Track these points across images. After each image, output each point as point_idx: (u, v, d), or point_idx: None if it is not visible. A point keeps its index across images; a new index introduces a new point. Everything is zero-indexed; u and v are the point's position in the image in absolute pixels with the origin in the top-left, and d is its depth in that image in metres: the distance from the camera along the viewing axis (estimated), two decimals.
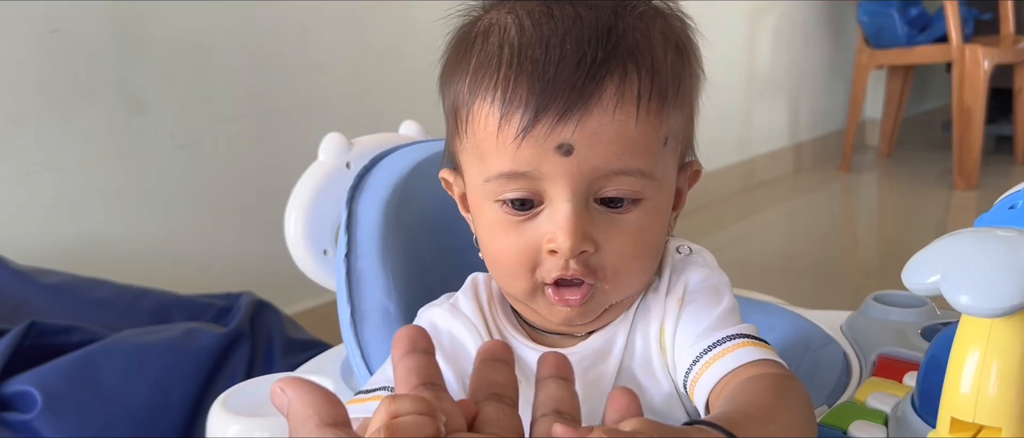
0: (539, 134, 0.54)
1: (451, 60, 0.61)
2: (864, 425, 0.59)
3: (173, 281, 1.30)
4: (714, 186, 2.92)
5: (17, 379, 0.91)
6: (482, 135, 0.57)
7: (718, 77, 3.05)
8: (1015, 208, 0.53)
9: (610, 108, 0.54)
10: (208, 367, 0.98)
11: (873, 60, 3.23)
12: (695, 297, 0.62)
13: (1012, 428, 0.46)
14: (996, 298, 0.44)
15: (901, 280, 0.48)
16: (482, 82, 0.57)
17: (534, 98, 0.54)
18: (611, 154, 0.55)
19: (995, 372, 0.46)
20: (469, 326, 0.62)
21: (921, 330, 0.77)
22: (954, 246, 0.47)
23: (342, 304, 0.75)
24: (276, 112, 1.67)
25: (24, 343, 0.95)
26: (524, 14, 0.57)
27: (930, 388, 0.55)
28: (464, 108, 0.58)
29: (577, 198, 0.56)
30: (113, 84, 1.46)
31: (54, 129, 1.40)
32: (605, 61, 0.55)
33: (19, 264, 1.15)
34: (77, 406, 0.90)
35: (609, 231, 0.57)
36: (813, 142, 3.51)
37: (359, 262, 0.76)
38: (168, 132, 1.53)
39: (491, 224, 0.59)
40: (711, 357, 0.57)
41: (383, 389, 0.59)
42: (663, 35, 0.59)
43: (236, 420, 0.70)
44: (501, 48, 0.56)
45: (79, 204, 1.43)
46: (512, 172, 0.56)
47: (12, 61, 1.34)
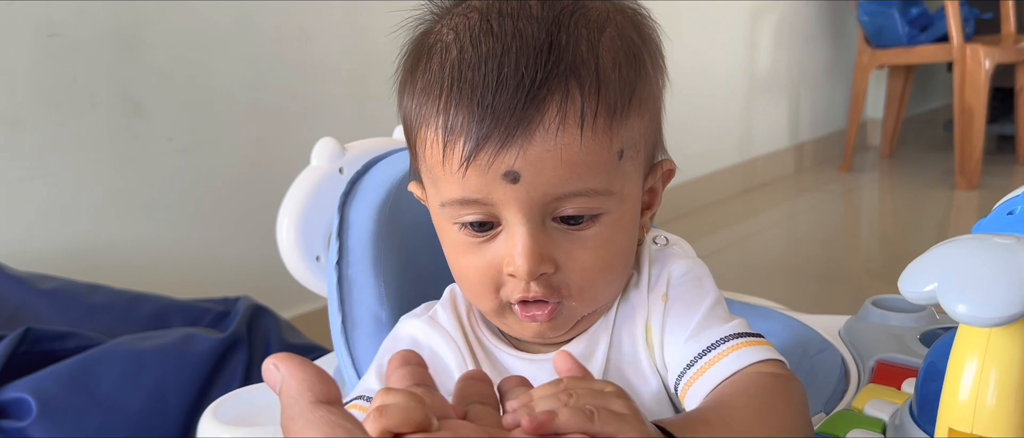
0: (482, 163, 0.53)
1: (403, 75, 0.59)
2: (862, 434, 0.58)
3: (171, 286, 1.29)
4: (715, 187, 2.92)
5: (12, 386, 0.91)
6: (431, 162, 0.56)
7: (719, 78, 3.06)
8: (1014, 214, 0.52)
9: (552, 131, 0.52)
10: (205, 372, 0.98)
11: (874, 60, 3.23)
12: (680, 292, 0.61)
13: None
14: (994, 307, 0.43)
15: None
16: (426, 107, 0.55)
17: (474, 126, 0.52)
18: (559, 178, 0.53)
19: (993, 382, 0.45)
20: (447, 339, 0.62)
21: (920, 335, 0.77)
22: (951, 253, 0.46)
23: (333, 311, 0.75)
24: (275, 116, 1.66)
25: (19, 349, 0.95)
26: (465, 30, 0.55)
27: (928, 396, 0.55)
28: (412, 132, 0.57)
29: (532, 221, 0.54)
30: (111, 88, 1.45)
31: (52, 133, 1.39)
32: (544, 82, 0.52)
33: (16, 269, 1.14)
34: (73, 413, 0.90)
35: (570, 249, 0.56)
36: (814, 142, 3.51)
37: (350, 269, 0.76)
38: (166, 136, 1.53)
39: (453, 245, 0.58)
40: (706, 362, 0.56)
41: (360, 398, 0.59)
42: (612, 42, 0.55)
43: (226, 429, 0.69)
44: (442, 69, 0.54)
45: (77, 209, 1.43)
46: (464, 199, 0.55)
47: (10, 65, 1.34)
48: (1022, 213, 0.52)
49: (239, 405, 0.73)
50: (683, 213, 2.69)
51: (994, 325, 0.44)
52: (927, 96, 4.02)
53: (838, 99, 3.61)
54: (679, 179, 1.94)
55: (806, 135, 3.47)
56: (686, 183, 2.76)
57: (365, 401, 0.59)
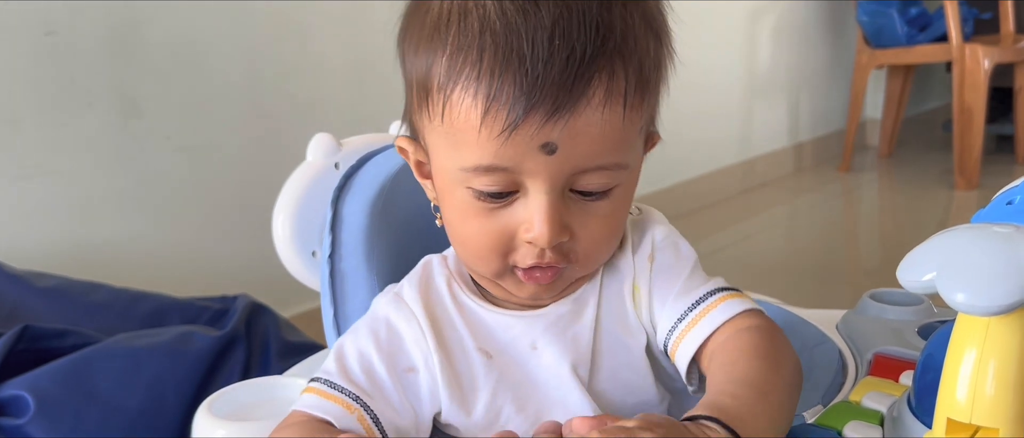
0: (525, 133, 0.53)
1: (415, 27, 0.58)
2: (859, 425, 0.58)
3: (169, 284, 1.29)
4: (714, 186, 2.92)
5: (10, 384, 0.91)
6: (461, 125, 0.55)
7: (718, 77, 3.06)
8: (1013, 204, 0.52)
9: (598, 107, 0.53)
10: (204, 370, 0.98)
11: (873, 60, 3.23)
12: (664, 254, 0.63)
13: (1009, 429, 0.45)
14: (993, 296, 0.43)
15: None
16: (462, 70, 0.54)
17: (523, 97, 0.52)
18: (593, 151, 0.55)
19: (992, 372, 0.45)
20: (409, 317, 0.63)
21: (918, 328, 0.77)
22: (950, 243, 0.46)
23: (325, 305, 0.75)
24: (273, 115, 1.66)
25: (17, 347, 0.94)
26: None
27: (926, 387, 0.55)
28: (439, 92, 0.55)
29: (555, 191, 0.55)
30: (109, 88, 1.45)
31: (50, 133, 1.39)
32: (594, 58, 0.52)
33: (14, 268, 1.14)
34: (71, 411, 0.90)
35: (584, 219, 0.58)
36: (813, 142, 3.51)
37: (343, 263, 0.76)
38: (164, 135, 1.52)
39: (462, 208, 0.58)
40: (695, 315, 0.60)
41: (315, 380, 0.60)
42: (645, 22, 0.56)
43: (222, 425, 0.69)
44: (482, 34, 0.53)
45: (75, 208, 1.43)
46: (492, 166, 0.55)
47: (8, 65, 1.34)
48: (1021, 203, 0.52)
49: (234, 400, 0.73)
50: (683, 212, 2.69)
51: (993, 314, 0.44)
52: (926, 96, 4.02)
53: (837, 99, 3.61)
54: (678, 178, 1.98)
55: (805, 135, 3.47)
56: (685, 182, 2.76)
57: (327, 386, 0.60)
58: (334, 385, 0.60)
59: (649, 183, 2.57)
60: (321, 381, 0.61)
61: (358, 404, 0.59)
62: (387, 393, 0.61)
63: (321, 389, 0.60)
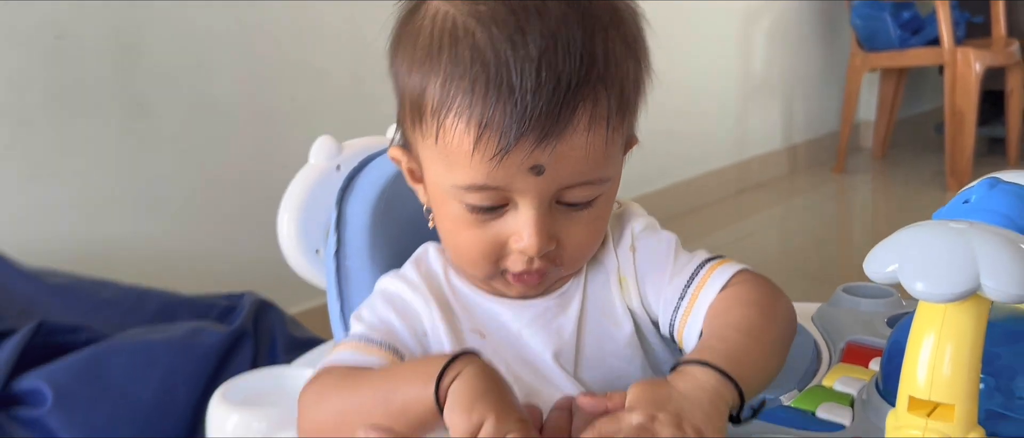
0: (515, 158, 0.57)
1: (408, 45, 0.61)
2: (832, 407, 0.62)
3: (176, 283, 1.32)
4: (708, 188, 2.95)
5: (28, 376, 0.94)
6: (454, 149, 0.58)
7: (713, 79, 3.09)
8: (969, 202, 0.58)
9: (583, 132, 0.57)
10: (213, 364, 1.01)
11: (866, 63, 3.26)
12: (645, 242, 0.68)
13: (963, 404, 0.50)
14: (949, 284, 0.48)
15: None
16: (455, 97, 0.57)
17: (513, 126, 0.55)
18: (578, 170, 0.59)
19: (949, 353, 0.50)
20: (414, 289, 0.67)
21: (887, 319, 0.81)
22: (911, 237, 0.51)
23: (332, 300, 0.79)
24: (276, 116, 1.69)
25: (33, 342, 0.98)
26: (489, 18, 0.57)
27: (892, 371, 0.58)
28: (433, 116, 0.59)
29: (543, 206, 0.60)
30: (116, 89, 1.48)
31: (59, 134, 1.43)
32: (579, 87, 0.56)
33: (26, 265, 1.18)
34: (86, 402, 0.93)
35: (569, 227, 0.62)
36: (807, 144, 3.54)
37: (348, 261, 0.80)
38: (170, 136, 1.56)
39: (454, 219, 0.62)
40: (692, 293, 0.64)
41: (383, 345, 0.64)
42: (625, 46, 0.60)
43: (235, 410, 0.73)
44: (473, 63, 0.56)
45: (83, 207, 1.46)
46: (483, 185, 0.59)
47: (18, 67, 1.37)
48: (977, 202, 0.57)
49: (246, 388, 0.77)
50: (677, 214, 2.72)
51: (949, 301, 0.48)
52: (919, 98, 4.06)
53: (831, 101, 3.65)
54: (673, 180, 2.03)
55: (799, 137, 3.51)
56: (680, 184, 2.79)
57: (363, 341, 0.63)
58: (369, 339, 0.64)
59: (644, 184, 2.60)
60: (387, 346, 0.64)
61: (396, 354, 0.63)
62: (413, 353, 0.65)
63: (355, 343, 0.64)
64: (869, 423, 0.60)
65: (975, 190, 0.59)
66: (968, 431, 0.50)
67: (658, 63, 0.65)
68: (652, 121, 0.65)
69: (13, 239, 1.32)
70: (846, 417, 0.61)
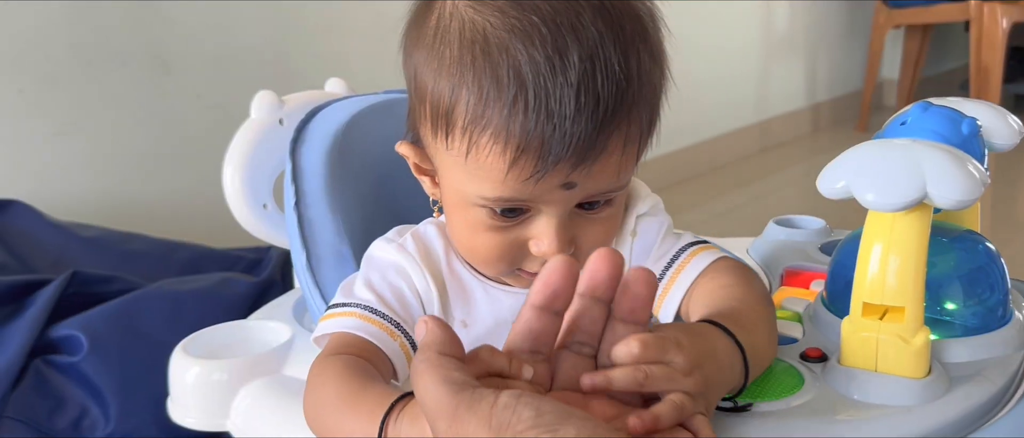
0: (550, 180, 0.57)
1: (429, 47, 0.59)
2: (783, 324, 0.66)
3: (202, 236, 1.34)
4: (731, 147, 2.94)
5: (64, 324, 0.96)
6: (487, 167, 0.57)
7: (735, 38, 3.06)
8: (906, 124, 0.62)
9: (616, 153, 0.58)
10: (242, 313, 1.02)
11: (891, 20, 3.23)
12: (644, 226, 0.69)
13: (912, 305, 0.54)
14: (897, 195, 0.52)
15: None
16: (492, 118, 0.55)
17: (552, 151, 0.55)
18: (606, 184, 0.60)
19: (898, 259, 0.54)
20: (413, 264, 0.66)
21: (820, 246, 0.87)
22: (859, 155, 0.55)
23: (296, 250, 0.80)
24: (298, 73, 1.70)
25: (67, 291, 1.00)
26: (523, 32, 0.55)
27: (838, 291, 0.64)
28: (464, 132, 0.57)
29: (565, 214, 0.60)
30: (141, 46, 1.49)
31: (84, 90, 1.44)
32: (615, 112, 0.56)
33: (57, 218, 1.19)
34: (120, 349, 0.95)
35: (586, 228, 0.62)
36: (830, 102, 3.51)
37: (309, 211, 0.81)
38: (195, 93, 1.57)
39: (473, 223, 0.62)
40: (672, 273, 0.65)
41: (358, 306, 0.64)
42: (652, 59, 0.59)
43: (196, 362, 0.74)
44: (510, 84, 0.54)
45: (109, 162, 1.47)
46: (512, 199, 0.59)
47: (44, 24, 1.38)
48: (912, 122, 0.62)
49: (208, 341, 0.78)
50: (699, 173, 2.72)
51: (898, 210, 0.53)
52: (944, 56, 4.01)
53: (854, 59, 3.61)
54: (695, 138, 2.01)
55: (822, 95, 3.48)
56: (703, 143, 2.78)
57: (369, 311, 0.64)
58: (375, 311, 0.64)
59: (666, 143, 2.56)
60: (361, 307, 0.64)
61: (399, 331, 0.63)
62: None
63: (363, 314, 0.64)
64: (819, 334, 0.65)
65: (910, 113, 0.63)
66: (917, 330, 0.55)
67: (681, 23, 0.65)
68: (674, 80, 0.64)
69: (41, 194, 1.33)
70: (797, 331, 0.66)
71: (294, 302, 0.89)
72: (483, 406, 0.42)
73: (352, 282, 0.68)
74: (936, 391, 0.54)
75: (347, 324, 0.63)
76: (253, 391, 0.73)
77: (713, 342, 0.52)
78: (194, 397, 0.74)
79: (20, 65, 1.37)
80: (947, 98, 0.69)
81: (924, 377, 0.55)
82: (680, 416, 0.46)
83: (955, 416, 0.54)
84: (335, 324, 0.64)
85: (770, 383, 0.58)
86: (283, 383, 0.73)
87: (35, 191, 1.33)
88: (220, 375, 0.73)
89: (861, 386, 0.55)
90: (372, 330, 0.63)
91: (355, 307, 0.64)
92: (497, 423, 0.42)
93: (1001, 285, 0.63)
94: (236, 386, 0.73)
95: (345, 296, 0.66)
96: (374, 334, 0.62)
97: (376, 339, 0.62)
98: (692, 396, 0.47)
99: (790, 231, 0.91)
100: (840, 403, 0.55)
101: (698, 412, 0.47)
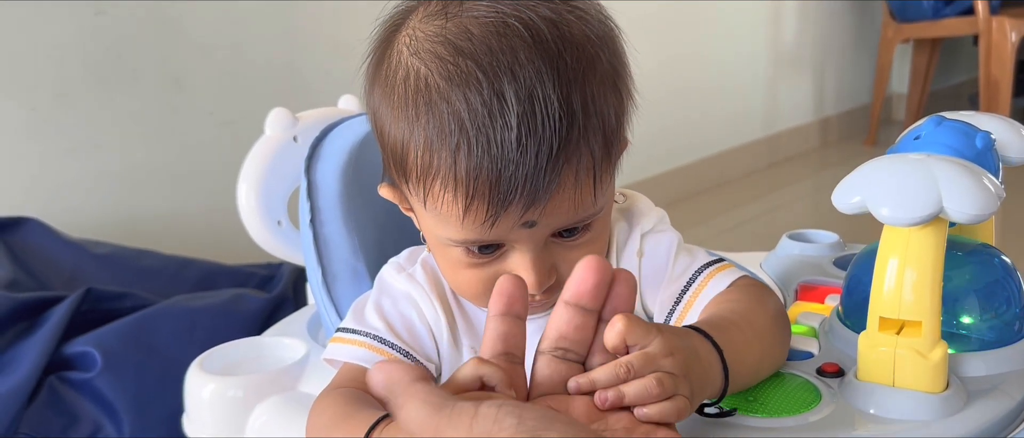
0: (505, 222, 0.56)
1: (383, 95, 0.59)
2: (798, 339, 0.66)
3: (215, 253, 1.34)
4: (740, 161, 2.94)
5: (77, 341, 0.96)
6: (444, 212, 0.57)
7: (743, 52, 3.06)
8: (920, 138, 0.62)
9: (570, 188, 0.56)
10: (255, 329, 1.03)
11: (899, 33, 3.22)
12: (652, 246, 0.67)
13: (929, 320, 0.54)
14: (913, 209, 0.52)
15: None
16: (440, 168, 0.55)
17: (501, 193, 0.54)
18: (570, 217, 0.58)
19: (914, 274, 0.54)
20: (422, 294, 0.66)
21: (834, 260, 0.86)
22: (874, 169, 0.55)
23: (312, 267, 0.80)
24: (309, 91, 1.70)
25: (81, 308, 1.00)
26: (461, 79, 0.54)
27: (854, 305, 0.64)
28: (418, 181, 0.58)
29: (538, 248, 0.59)
30: (153, 64, 1.50)
31: (98, 107, 1.45)
32: (561, 150, 0.54)
33: (70, 235, 1.20)
34: (134, 366, 0.95)
35: (567, 255, 0.61)
36: (839, 117, 3.51)
37: (324, 228, 0.81)
38: (206, 110, 1.57)
39: (453, 263, 0.62)
40: (689, 296, 0.64)
41: (368, 335, 0.64)
42: (602, 82, 0.57)
43: (212, 379, 0.74)
44: (452, 133, 0.54)
45: (123, 180, 1.48)
46: (477, 240, 0.59)
47: (58, 42, 1.39)
48: (926, 137, 0.62)
49: (224, 357, 0.78)
50: (707, 187, 2.72)
51: (914, 224, 0.52)
52: (953, 70, 4.01)
53: (863, 73, 3.61)
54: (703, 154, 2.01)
55: (831, 109, 3.48)
56: (711, 157, 2.78)
57: (379, 342, 0.64)
58: (384, 341, 0.64)
59: (674, 158, 2.60)
60: (371, 336, 0.64)
61: (409, 361, 0.63)
62: (428, 352, 0.65)
63: (373, 345, 0.64)
64: (835, 348, 0.65)
65: (924, 127, 0.63)
66: (934, 345, 0.54)
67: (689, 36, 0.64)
68: (682, 95, 0.64)
69: (55, 211, 1.34)
70: (813, 346, 0.66)
71: (309, 318, 0.89)
72: (464, 418, 0.43)
73: (364, 304, 0.68)
74: (954, 406, 0.54)
75: (357, 355, 0.63)
76: (269, 408, 0.73)
77: (690, 340, 0.53)
78: (210, 413, 0.74)
79: (34, 83, 1.38)
80: (960, 112, 0.68)
81: (942, 392, 0.54)
82: (660, 390, 0.47)
83: (973, 430, 0.53)
84: (346, 353, 0.64)
85: (787, 398, 0.57)
86: (299, 400, 0.72)
87: (49, 208, 1.34)
88: (236, 391, 0.73)
89: (878, 401, 0.55)
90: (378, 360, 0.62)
91: (365, 337, 0.64)
92: (479, 431, 0.42)
93: (1018, 298, 0.62)
94: (252, 403, 0.73)
95: (356, 320, 0.66)
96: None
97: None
98: (673, 376, 0.48)
99: (804, 245, 0.90)
100: (858, 418, 0.55)
101: (680, 394, 0.48)
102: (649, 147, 2.49)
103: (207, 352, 0.78)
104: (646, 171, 2.46)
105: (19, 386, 0.91)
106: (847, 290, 0.67)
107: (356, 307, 0.68)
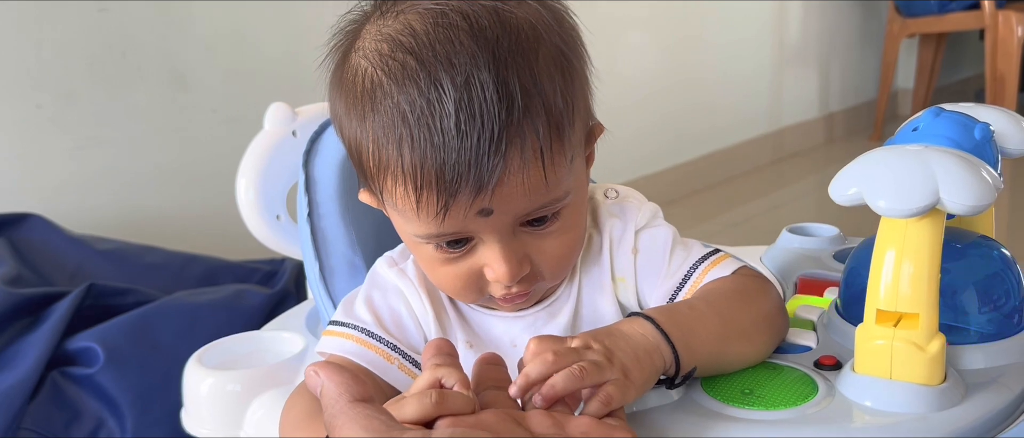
0: (458, 210, 0.56)
1: (339, 96, 0.60)
2: (796, 332, 0.66)
3: (218, 250, 1.34)
4: (745, 157, 2.93)
5: (80, 336, 0.97)
6: (401, 207, 0.58)
7: (748, 47, 3.05)
8: (918, 129, 0.62)
9: (518, 171, 0.55)
10: (257, 325, 1.03)
11: (905, 28, 3.21)
12: (647, 243, 0.67)
13: (926, 312, 0.54)
14: (909, 201, 0.51)
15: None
16: (388, 163, 0.56)
17: (445, 184, 0.55)
18: (527, 202, 0.57)
19: (911, 266, 0.53)
20: (411, 290, 0.67)
21: (834, 254, 0.86)
22: (871, 161, 0.55)
23: (309, 261, 0.80)
24: (314, 88, 1.70)
25: (84, 303, 1.00)
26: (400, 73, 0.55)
27: (852, 297, 0.64)
28: (372, 177, 0.59)
29: (505, 237, 0.59)
30: (158, 61, 1.51)
31: (103, 105, 1.45)
32: (501, 133, 0.54)
33: (74, 232, 1.20)
34: (136, 361, 0.96)
35: (540, 245, 0.61)
36: (844, 112, 3.50)
37: (322, 222, 0.81)
38: (211, 108, 1.58)
39: (428, 259, 0.62)
40: (686, 292, 0.64)
41: (355, 328, 0.64)
42: (547, 64, 0.57)
43: (210, 373, 0.74)
44: (395, 126, 0.55)
45: (127, 177, 1.49)
46: (440, 234, 0.59)
47: (63, 39, 1.39)
48: (924, 128, 0.62)
49: (222, 352, 0.78)
50: (712, 184, 2.71)
51: (911, 216, 0.52)
52: (958, 64, 3.99)
53: (868, 68, 3.60)
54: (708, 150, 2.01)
55: (836, 105, 3.47)
56: (715, 154, 2.78)
57: (366, 335, 0.64)
58: (372, 334, 0.64)
59: (678, 154, 2.59)
60: (358, 329, 0.64)
61: (396, 353, 0.64)
62: (416, 346, 0.65)
63: (360, 337, 0.64)
64: (833, 341, 0.65)
65: (922, 119, 0.63)
66: (932, 337, 0.54)
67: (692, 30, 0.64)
68: (686, 91, 0.64)
69: (58, 208, 1.35)
70: (811, 339, 0.65)
71: (307, 313, 0.89)
72: None
73: (354, 297, 0.68)
74: (952, 398, 0.54)
75: (344, 347, 0.64)
76: (267, 402, 0.73)
77: (616, 327, 0.56)
78: (208, 408, 0.74)
79: (39, 81, 1.38)
80: (960, 104, 0.68)
81: (939, 384, 0.54)
82: (582, 373, 0.51)
83: (971, 423, 0.53)
84: (334, 345, 0.64)
85: (784, 391, 0.57)
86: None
87: (53, 205, 1.34)
88: (234, 386, 0.73)
89: (876, 394, 0.55)
90: (369, 356, 0.63)
91: (353, 329, 0.65)
92: None
93: (1016, 291, 0.62)
94: (250, 397, 0.73)
95: (346, 313, 0.66)
96: (370, 360, 0.63)
97: (371, 364, 0.63)
98: (597, 362, 0.52)
99: (804, 239, 0.90)
100: (854, 411, 0.55)
101: (610, 378, 0.52)
102: (654, 143, 2.49)
103: (205, 346, 0.78)
104: (651, 167, 2.46)
105: (22, 382, 0.91)
106: (845, 283, 0.67)
107: (347, 300, 0.68)
